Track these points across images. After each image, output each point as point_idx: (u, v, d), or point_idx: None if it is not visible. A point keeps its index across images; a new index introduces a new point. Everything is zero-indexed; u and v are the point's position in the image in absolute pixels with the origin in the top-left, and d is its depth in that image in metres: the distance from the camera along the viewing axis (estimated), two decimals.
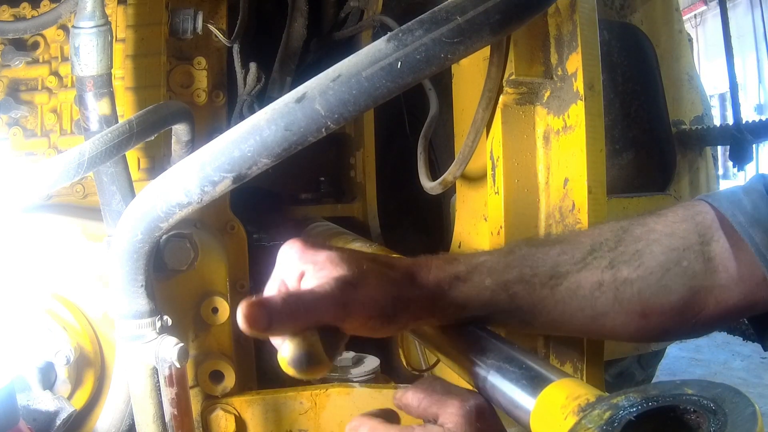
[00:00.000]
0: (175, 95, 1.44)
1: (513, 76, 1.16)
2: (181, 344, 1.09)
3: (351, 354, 1.58)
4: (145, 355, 1.09)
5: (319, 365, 0.63)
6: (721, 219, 0.76)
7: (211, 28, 1.45)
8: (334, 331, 0.67)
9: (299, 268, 0.72)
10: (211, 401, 1.36)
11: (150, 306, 1.08)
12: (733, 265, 0.75)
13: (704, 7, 14.07)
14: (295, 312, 0.64)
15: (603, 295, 0.75)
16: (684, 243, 0.76)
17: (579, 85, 1.13)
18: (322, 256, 0.72)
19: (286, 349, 0.63)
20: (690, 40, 2.17)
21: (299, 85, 0.78)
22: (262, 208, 2.07)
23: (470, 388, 0.72)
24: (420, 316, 0.73)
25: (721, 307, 0.76)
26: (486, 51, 1.17)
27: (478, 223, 1.39)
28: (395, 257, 0.83)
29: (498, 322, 0.78)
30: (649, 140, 1.83)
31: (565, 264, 0.75)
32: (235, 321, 0.62)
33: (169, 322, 1.12)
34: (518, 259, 0.76)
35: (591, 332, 0.88)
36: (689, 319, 0.77)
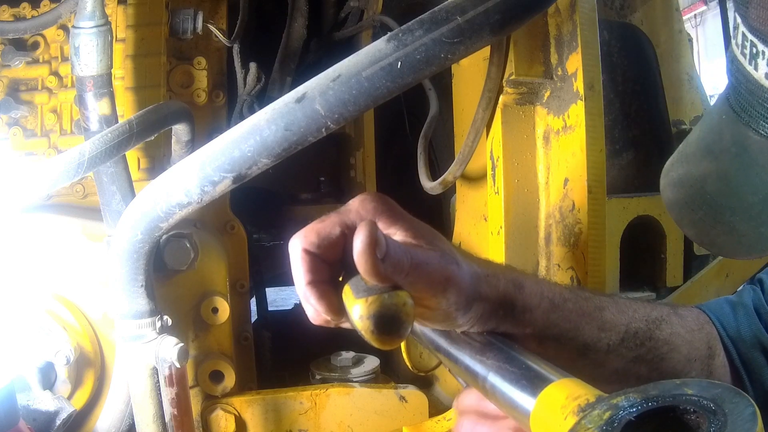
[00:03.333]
0: (175, 95, 1.44)
1: (513, 76, 1.16)
2: (181, 344, 1.09)
3: (351, 354, 1.58)
4: (145, 355, 1.09)
5: (403, 332, 0.56)
6: (718, 332, 0.89)
7: (211, 28, 1.45)
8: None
9: (391, 221, 0.66)
10: (211, 401, 1.36)
11: (150, 306, 1.08)
12: (721, 375, 0.87)
13: (704, 7, 14.07)
14: (406, 260, 0.59)
15: (616, 379, 0.80)
16: (697, 354, 0.86)
17: (579, 85, 1.13)
18: (421, 224, 0.67)
19: (374, 306, 0.55)
20: (690, 40, 2.16)
21: (299, 85, 0.78)
22: (262, 208, 2.06)
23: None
24: (480, 321, 0.71)
25: None
26: (486, 51, 1.17)
27: (478, 223, 1.39)
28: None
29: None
30: (649, 140, 1.83)
31: (601, 341, 0.80)
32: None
33: (169, 322, 1.12)
34: (561, 319, 0.77)
35: None
36: None
